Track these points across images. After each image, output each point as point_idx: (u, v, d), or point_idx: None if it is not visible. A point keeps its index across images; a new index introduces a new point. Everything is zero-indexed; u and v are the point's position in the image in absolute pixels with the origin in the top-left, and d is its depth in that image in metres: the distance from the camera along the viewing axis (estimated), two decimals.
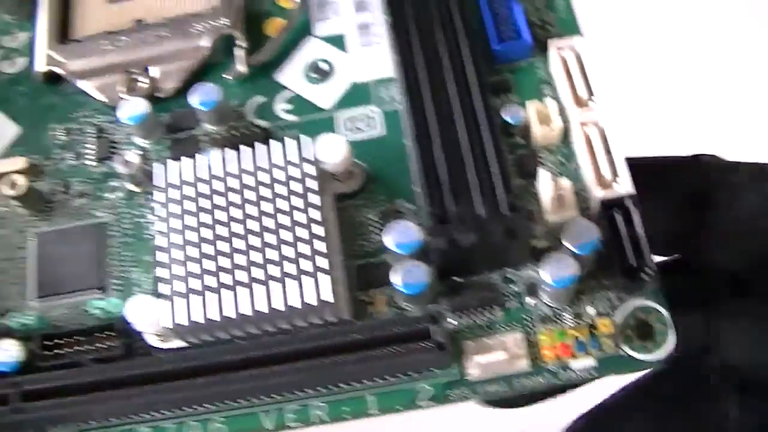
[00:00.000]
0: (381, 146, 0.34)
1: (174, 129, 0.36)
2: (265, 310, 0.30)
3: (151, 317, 0.31)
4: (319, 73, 0.36)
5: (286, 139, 0.32)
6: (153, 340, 0.33)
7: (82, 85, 0.37)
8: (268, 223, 0.31)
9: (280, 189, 0.32)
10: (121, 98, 0.36)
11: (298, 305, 0.30)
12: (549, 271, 0.30)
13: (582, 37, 0.34)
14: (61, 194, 0.36)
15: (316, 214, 0.31)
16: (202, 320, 0.30)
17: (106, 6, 0.38)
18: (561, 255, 0.30)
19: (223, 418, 0.32)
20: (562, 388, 0.33)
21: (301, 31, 0.37)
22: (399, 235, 0.31)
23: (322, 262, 0.30)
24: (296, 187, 0.32)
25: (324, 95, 0.36)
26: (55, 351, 0.33)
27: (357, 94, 0.35)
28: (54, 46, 0.37)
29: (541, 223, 0.32)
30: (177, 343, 0.32)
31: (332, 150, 0.32)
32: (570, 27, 0.35)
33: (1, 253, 0.36)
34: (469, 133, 0.32)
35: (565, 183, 0.31)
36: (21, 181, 0.35)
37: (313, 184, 0.31)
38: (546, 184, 0.31)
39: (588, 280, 0.31)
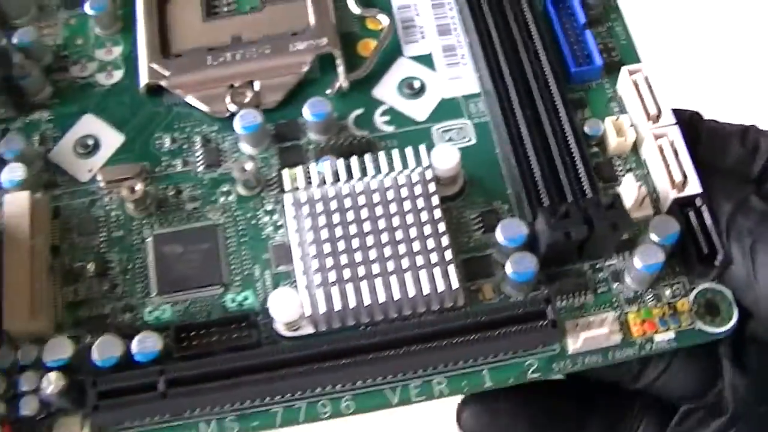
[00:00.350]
0: (474, 154, 0.39)
1: (280, 139, 0.40)
2: (398, 296, 0.35)
3: (291, 306, 0.35)
4: (412, 89, 0.41)
5: (406, 148, 0.37)
6: (282, 330, 0.37)
7: (187, 97, 0.41)
8: (396, 220, 0.36)
9: (404, 191, 0.37)
10: (229, 110, 0.40)
11: (428, 291, 0.35)
12: (640, 258, 0.36)
13: (641, 62, 0.40)
14: (172, 198, 0.40)
15: (437, 213, 0.36)
16: (341, 307, 0.35)
17: (202, 23, 0.42)
18: (649, 245, 0.36)
19: (352, 396, 0.36)
20: None
21: (392, 52, 0.42)
22: (508, 230, 0.37)
23: (447, 254, 0.36)
24: (417, 189, 0.37)
25: (418, 109, 0.41)
26: (191, 342, 0.37)
27: (447, 108, 0.41)
28: (157, 60, 0.41)
29: None
30: (305, 332, 0.37)
31: (445, 158, 0.37)
32: (629, 52, 0.41)
33: (121, 254, 0.39)
34: (557, 141, 0.38)
35: (643, 187, 0.38)
36: (139, 186, 0.39)
37: (431, 187, 0.37)
38: (632, 188, 0.37)
39: (665, 267, 0.37)
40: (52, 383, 0.36)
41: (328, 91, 0.41)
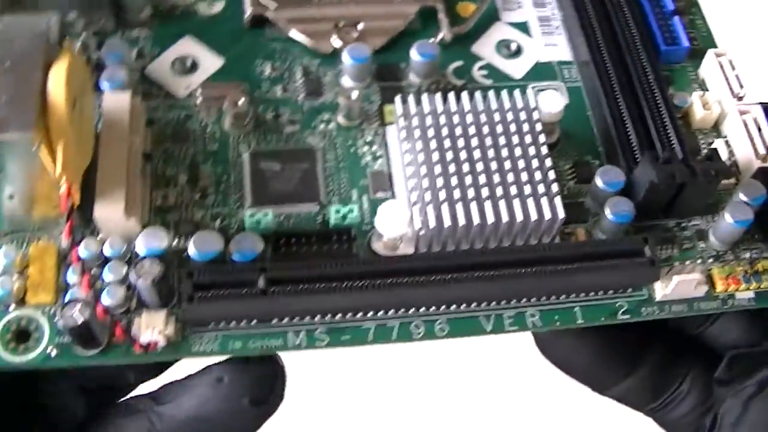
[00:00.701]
0: (567, 113, 0.40)
1: (381, 78, 0.41)
2: (506, 220, 0.36)
3: (400, 220, 0.35)
4: (509, 50, 0.43)
5: (514, 90, 0.38)
6: (380, 249, 0.37)
7: (291, 31, 0.42)
8: (504, 151, 0.37)
9: (512, 126, 0.38)
10: (333, 46, 0.41)
11: (535, 218, 0.36)
12: (731, 214, 0.37)
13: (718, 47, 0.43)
14: (271, 120, 0.40)
15: (543, 149, 0.37)
16: (450, 225, 0.35)
17: None
18: (738, 203, 0.38)
19: (446, 319, 0.36)
20: None
21: (490, 16, 0.44)
22: (607, 176, 0.38)
23: (554, 187, 0.36)
24: (525, 126, 0.38)
25: (514, 67, 0.42)
26: (289, 250, 0.36)
27: (542, 71, 0.43)
28: None
29: None
30: (403, 252, 0.37)
31: (552, 102, 0.39)
32: (709, 42, 0.44)
33: (215, 167, 0.39)
34: (649, 106, 0.40)
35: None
36: (242, 99, 0.39)
37: (538, 126, 0.38)
38: (723, 151, 0.39)
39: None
40: (147, 269, 0.35)
41: (431, 41, 0.42)
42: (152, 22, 0.42)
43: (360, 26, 0.42)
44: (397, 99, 0.38)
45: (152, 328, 0.35)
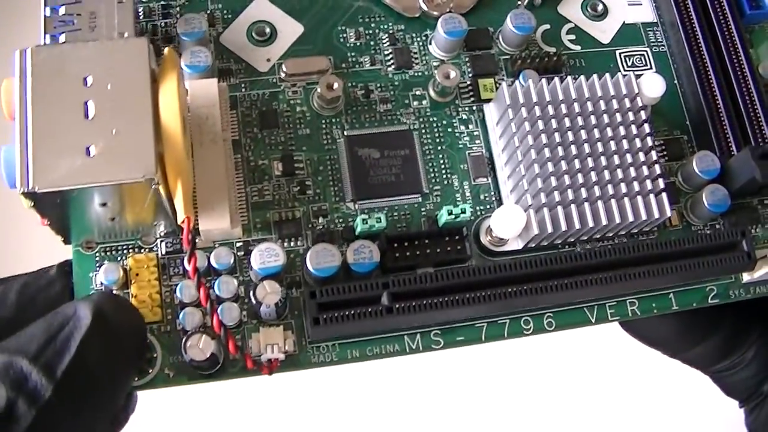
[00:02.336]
0: None
1: (470, 45, 0.36)
2: (617, 221, 0.33)
3: (517, 224, 0.32)
4: (596, 11, 0.38)
5: (618, 75, 0.34)
6: (487, 243, 0.34)
7: None
8: (612, 145, 0.34)
9: (618, 117, 0.34)
10: (421, 9, 0.36)
11: (644, 218, 0.33)
12: None
13: None
14: (362, 98, 0.35)
15: (649, 141, 0.34)
16: (565, 229, 0.33)
17: None
18: None
19: (553, 313, 0.34)
20: None
21: None
22: (703, 163, 0.35)
23: (660, 183, 0.34)
24: (629, 116, 0.34)
25: (601, 31, 0.38)
26: (403, 253, 0.33)
27: (629, 34, 0.38)
28: None
29: None
30: (511, 247, 0.34)
31: (652, 87, 0.35)
32: None
33: (309, 154, 0.34)
34: (737, 81, 0.37)
35: None
36: (337, 84, 0.34)
37: (643, 115, 0.34)
38: None
39: None
40: (268, 291, 0.31)
41: (519, 2, 0.37)
42: None
43: None
44: (504, 86, 0.34)
45: (271, 345, 0.32)
